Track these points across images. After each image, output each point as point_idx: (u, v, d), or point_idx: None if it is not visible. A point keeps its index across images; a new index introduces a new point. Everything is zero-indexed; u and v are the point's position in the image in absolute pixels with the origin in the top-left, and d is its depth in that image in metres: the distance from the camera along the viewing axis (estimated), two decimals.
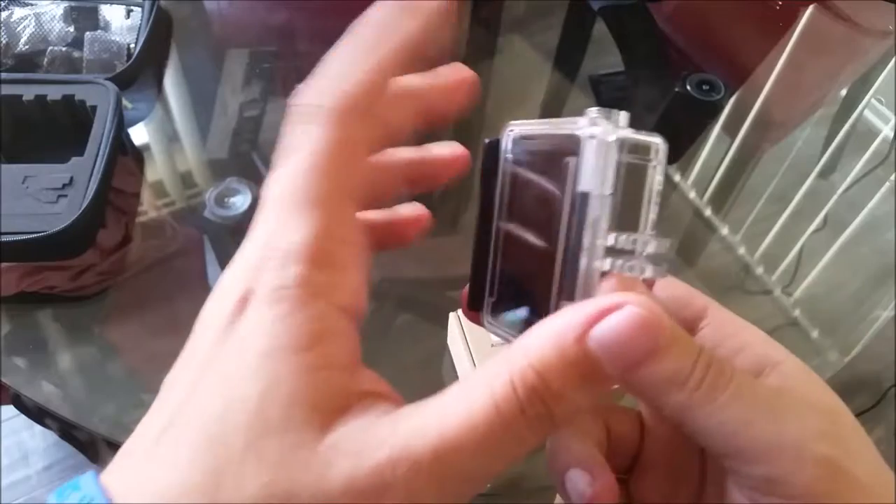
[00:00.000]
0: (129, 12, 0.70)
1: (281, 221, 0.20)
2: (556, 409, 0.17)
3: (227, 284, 0.20)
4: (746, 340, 0.23)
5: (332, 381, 0.19)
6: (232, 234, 0.61)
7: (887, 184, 0.74)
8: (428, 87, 0.24)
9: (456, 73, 0.24)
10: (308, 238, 0.19)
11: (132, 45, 0.68)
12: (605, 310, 0.17)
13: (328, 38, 0.23)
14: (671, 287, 0.24)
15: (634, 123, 0.23)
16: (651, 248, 0.20)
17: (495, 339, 0.49)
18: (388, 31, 0.21)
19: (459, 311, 0.50)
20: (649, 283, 0.23)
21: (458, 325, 0.50)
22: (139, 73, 0.67)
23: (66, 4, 0.69)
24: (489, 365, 0.18)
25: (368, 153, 0.22)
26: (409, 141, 0.24)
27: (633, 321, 0.17)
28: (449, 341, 0.53)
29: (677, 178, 0.71)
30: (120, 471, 0.19)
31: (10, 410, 0.88)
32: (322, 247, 0.19)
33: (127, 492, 0.18)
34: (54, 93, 0.59)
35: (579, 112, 0.23)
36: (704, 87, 0.71)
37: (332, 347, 0.19)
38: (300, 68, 0.76)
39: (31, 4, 0.68)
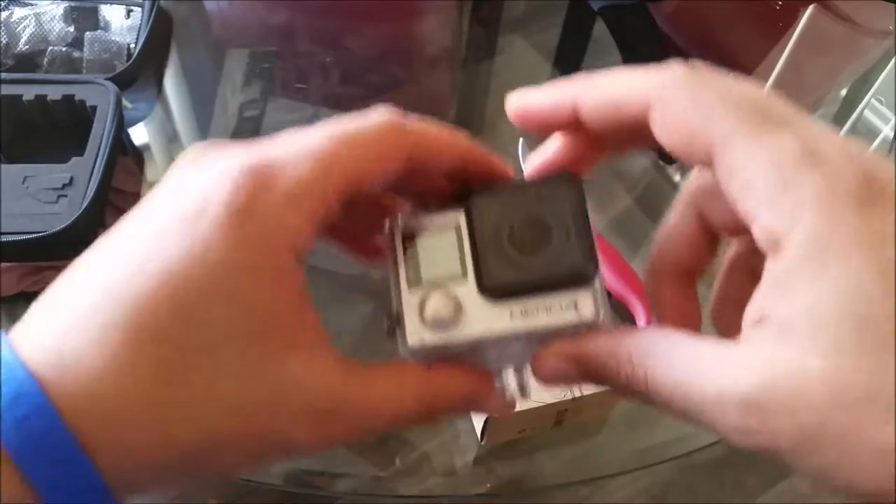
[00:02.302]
0: (129, 12, 0.70)
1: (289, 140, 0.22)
2: (434, 416, 0.24)
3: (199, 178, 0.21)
4: (750, 207, 0.19)
5: (288, 321, 0.21)
6: None
7: None
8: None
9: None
10: (304, 180, 0.21)
11: (132, 45, 0.68)
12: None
13: (328, 38, 0.23)
14: (681, 117, 0.20)
15: None
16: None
17: None
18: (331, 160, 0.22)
19: None
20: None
21: None
22: (139, 73, 0.67)
23: (66, 4, 0.68)
24: (415, 373, 0.23)
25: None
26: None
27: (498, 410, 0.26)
28: None
29: (677, 178, 0.71)
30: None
31: None
32: (309, 195, 0.21)
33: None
34: (54, 93, 0.59)
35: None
36: None
37: (289, 287, 0.21)
38: (301, 68, 0.76)
39: (31, 4, 0.68)
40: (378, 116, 0.23)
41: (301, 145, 0.21)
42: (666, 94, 0.21)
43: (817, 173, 0.18)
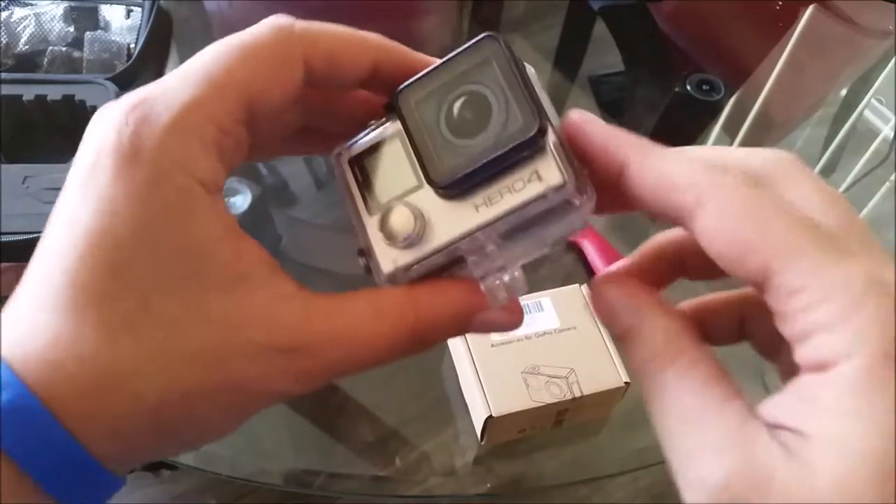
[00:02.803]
0: (129, 12, 0.70)
1: (175, 78, 0.20)
2: (426, 341, 0.22)
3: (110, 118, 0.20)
4: (806, 329, 0.18)
5: (220, 253, 0.19)
6: None
7: (887, 184, 0.74)
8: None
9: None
10: (187, 104, 0.19)
11: (132, 45, 0.68)
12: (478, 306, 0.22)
13: None
14: (735, 225, 0.19)
15: (635, 123, 0.23)
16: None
17: (495, 338, 0.49)
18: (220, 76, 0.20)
19: None
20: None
21: None
22: (139, 73, 0.67)
23: (66, 4, 0.68)
24: (392, 295, 0.22)
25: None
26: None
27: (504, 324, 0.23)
28: (449, 341, 0.53)
29: None
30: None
31: None
32: (196, 119, 0.19)
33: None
34: (54, 93, 0.59)
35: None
36: (704, 87, 0.71)
37: (207, 218, 0.19)
38: None
39: (31, 4, 0.68)
40: (264, 23, 0.21)
41: (182, 71, 0.20)
42: (722, 194, 0.19)
43: (884, 305, 0.17)
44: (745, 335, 0.25)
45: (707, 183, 0.19)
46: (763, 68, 0.81)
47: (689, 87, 0.71)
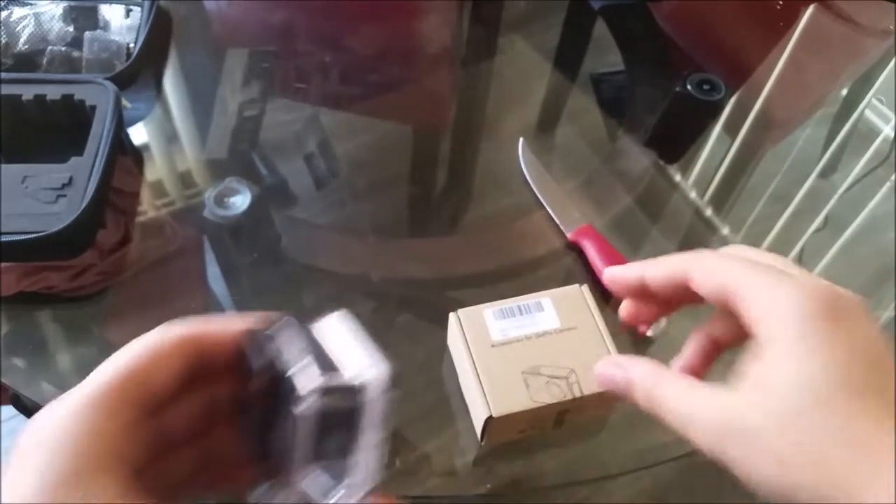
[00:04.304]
0: (128, 12, 0.70)
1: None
2: None
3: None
4: (760, 319, 0.28)
5: None
6: (232, 234, 0.61)
7: (888, 184, 0.74)
8: None
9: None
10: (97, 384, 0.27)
11: (131, 45, 0.68)
12: None
13: (328, 37, 0.23)
14: (712, 273, 0.31)
15: (635, 123, 0.24)
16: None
17: (495, 338, 0.49)
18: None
19: (459, 312, 0.50)
20: None
21: (457, 325, 0.50)
22: (138, 72, 0.67)
23: (65, 4, 0.68)
24: None
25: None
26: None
27: None
28: (449, 341, 0.53)
29: (678, 178, 0.71)
30: None
31: (9, 410, 0.88)
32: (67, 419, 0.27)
33: None
34: (54, 92, 0.59)
35: (579, 111, 0.23)
36: (705, 87, 0.71)
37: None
38: (300, 68, 0.76)
39: (31, 4, 0.68)
40: (155, 330, 0.29)
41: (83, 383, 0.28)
42: (700, 260, 0.32)
43: (803, 296, 0.28)
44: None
45: (692, 258, 0.32)
46: (764, 68, 0.80)
47: (689, 87, 0.71)
